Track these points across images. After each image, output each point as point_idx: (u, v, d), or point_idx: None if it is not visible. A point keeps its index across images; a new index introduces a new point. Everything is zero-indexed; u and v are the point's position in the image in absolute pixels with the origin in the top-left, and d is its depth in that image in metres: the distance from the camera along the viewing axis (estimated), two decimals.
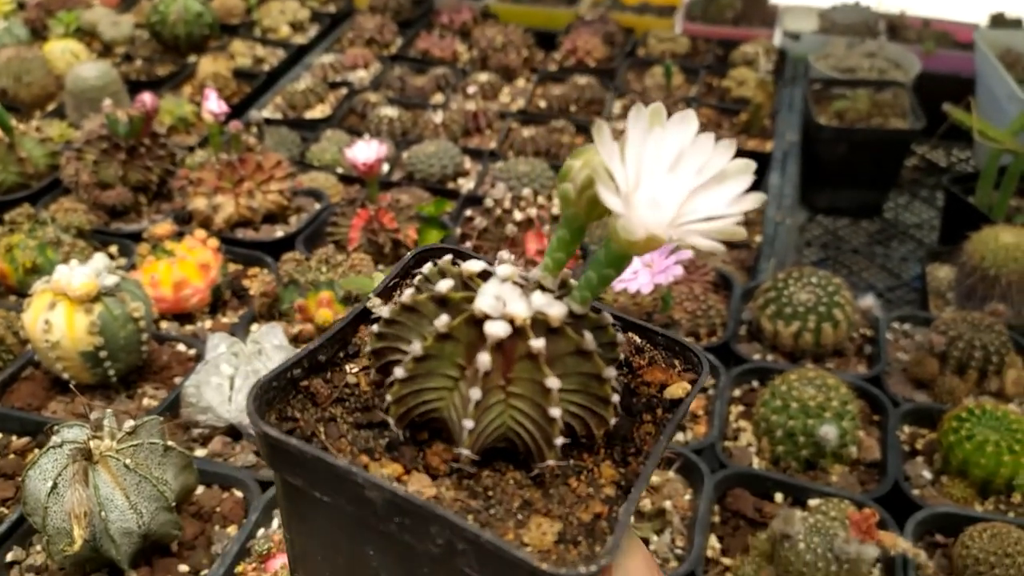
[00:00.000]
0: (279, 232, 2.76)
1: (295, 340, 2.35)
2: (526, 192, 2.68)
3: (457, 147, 3.35)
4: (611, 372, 0.70)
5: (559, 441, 0.69)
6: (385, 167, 3.35)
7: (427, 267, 0.77)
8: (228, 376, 2.08)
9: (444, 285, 0.70)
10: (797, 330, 2.49)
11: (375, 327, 0.74)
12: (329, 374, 0.78)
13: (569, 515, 0.69)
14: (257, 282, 2.56)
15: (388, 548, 0.69)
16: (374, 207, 2.68)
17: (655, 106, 0.63)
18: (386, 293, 0.84)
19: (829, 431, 2.17)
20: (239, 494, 1.98)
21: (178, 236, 2.57)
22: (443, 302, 0.70)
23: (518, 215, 2.60)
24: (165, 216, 2.81)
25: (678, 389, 0.78)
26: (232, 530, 1.90)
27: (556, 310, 0.66)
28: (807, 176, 3.63)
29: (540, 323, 0.67)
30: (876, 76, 3.91)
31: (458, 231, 2.74)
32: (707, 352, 2.49)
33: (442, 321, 0.67)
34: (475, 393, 0.67)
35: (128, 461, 1.72)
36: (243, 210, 2.70)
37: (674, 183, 0.63)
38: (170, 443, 1.80)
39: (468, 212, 2.90)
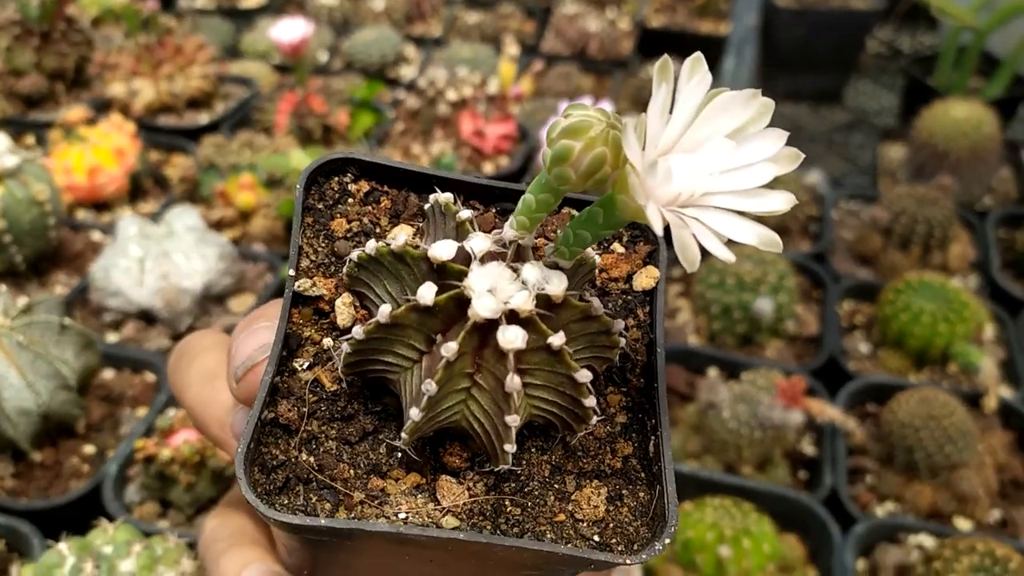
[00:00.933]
0: (204, 118, 2.64)
1: (217, 226, 2.27)
2: (462, 72, 2.56)
3: (399, 34, 3.21)
4: (619, 325, 0.64)
5: (593, 421, 0.64)
6: (324, 56, 3.21)
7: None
8: (137, 258, 1.99)
9: (442, 250, 0.61)
10: None
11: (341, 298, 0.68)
12: (288, 386, 0.69)
13: (600, 467, 0.66)
14: (179, 169, 2.45)
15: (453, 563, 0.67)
16: (302, 91, 2.56)
17: (696, 60, 0.55)
18: (304, 247, 0.73)
19: (764, 305, 2.12)
20: (151, 377, 1.92)
21: (94, 122, 2.45)
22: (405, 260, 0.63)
23: (452, 95, 2.48)
24: (83, 104, 2.68)
25: (646, 278, 0.72)
26: (142, 412, 1.85)
27: (556, 287, 0.60)
28: (766, 60, 3.51)
29: (541, 297, 0.61)
30: None
31: (392, 115, 2.63)
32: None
33: (428, 293, 0.60)
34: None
35: (21, 338, 1.65)
36: (164, 95, 2.58)
37: (700, 163, 0.56)
38: (67, 321, 1.72)
39: (400, 95, 2.78)
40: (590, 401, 0.62)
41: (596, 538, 0.64)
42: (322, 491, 0.64)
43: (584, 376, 0.61)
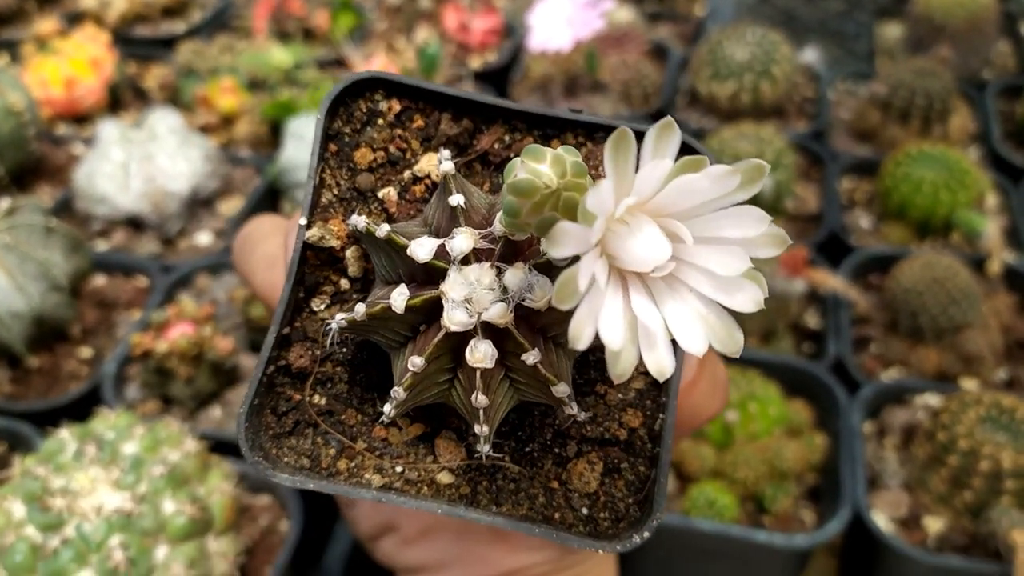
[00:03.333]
0: (180, 26, 2.56)
1: (201, 132, 2.21)
2: None
3: None
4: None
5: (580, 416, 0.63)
6: None
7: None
8: (120, 163, 1.95)
9: (421, 251, 0.58)
10: (734, 90, 2.36)
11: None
12: (304, 329, 0.68)
13: (605, 435, 0.65)
14: (157, 79, 2.39)
15: None
16: None
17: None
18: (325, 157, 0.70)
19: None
20: (143, 281, 1.89)
21: (67, 35, 2.38)
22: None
23: None
24: (55, 18, 2.60)
25: None
26: (137, 316, 1.82)
27: (539, 297, 0.56)
28: None
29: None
30: None
31: (374, 15, 2.55)
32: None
33: (399, 302, 0.58)
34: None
35: (6, 239, 1.62)
36: (137, 5, 2.50)
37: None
38: (53, 222, 1.69)
39: None
40: (570, 409, 0.60)
41: (584, 511, 0.64)
42: (328, 436, 0.66)
43: (562, 391, 0.59)
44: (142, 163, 1.94)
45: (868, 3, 3.50)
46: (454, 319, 0.56)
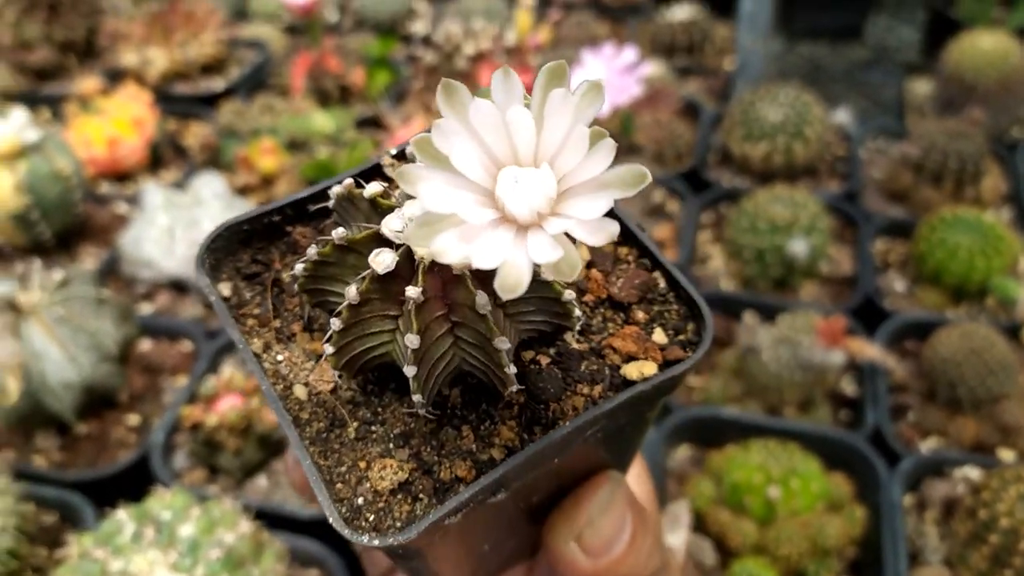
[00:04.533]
0: (218, 84, 2.61)
1: (241, 192, 2.25)
2: (478, 24, 2.52)
3: None
4: (570, 294, 0.62)
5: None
6: (334, 15, 3.16)
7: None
8: (166, 228, 1.98)
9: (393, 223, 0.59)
10: (767, 151, 2.38)
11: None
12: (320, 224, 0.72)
13: (434, 466, 0.63)
14: (198, 137, 2.43)
15: None
16: (316, 52, 2.52)
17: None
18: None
19: (798, 246, 2.10)
20: (188, 346, 1.92)
21: (109, 93, 2.42)
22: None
23: (470, 49, 2.44)
24: (96, 75, 2.65)
25: (640, 368, 0.66)
26: (183, 381, 1.85)
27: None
28: None
29: None
30: None
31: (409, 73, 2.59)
32: (676, 179, 2.40)
33: (386, 258, 0.58)
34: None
35: (60, 312, 1.65)
36: (178, 63, 2.55)
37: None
38: (104, 293, 1.72)
39: (416, 51, 2.74)
40: (510, 371, 0.60)
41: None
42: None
43: (502, 344, 0.59)
44: (187, 228, 1.97)
45: (894, 54, 3.53)
46: (390, 224, 0.57)
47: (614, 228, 0.48)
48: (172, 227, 1.97)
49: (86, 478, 1.64)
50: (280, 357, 0.69)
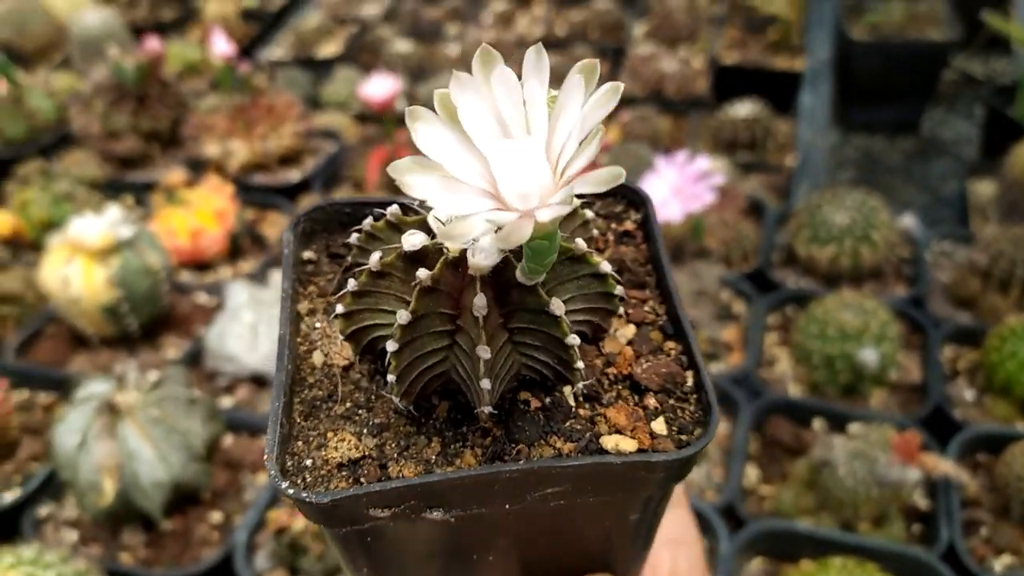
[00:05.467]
0: (295, 175, 2.70)
1: None
2: None
3: None
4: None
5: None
6: (402, 104, 3.26)
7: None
8: (250, 324, 2.04)
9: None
10: (833, 254, 2.41)
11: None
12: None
13: (389, 461, 0.65)
14: (276, 228, 2.51)
15: None
16: (391, 144, 2.60)
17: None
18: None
19: (869, 355, 2.10)
20: None
21: (192, 184, 2.52)
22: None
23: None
24: (178, 164, 2.76)
25: (619, 442, 0.65)
26: (263, 478, 1.89)
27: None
28: (841, 93, 3.49)
29: None
30: None
31: None
32: (742, 279, 2.43)
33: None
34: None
35: (155, 413, 1.70)
36: (257, 154, 2.64)
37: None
38: (195, 393, 1.77)
39: None
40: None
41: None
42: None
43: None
44: (271, 325, 2.03)
45: (951, 147, 3.55)
46: (434, 214, 0.59)
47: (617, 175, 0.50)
48: (256, 324, 2.03)
49: None
50: (318, 325, 0.72)
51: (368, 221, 0.65)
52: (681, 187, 2.18)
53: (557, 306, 0.60)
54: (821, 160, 3.00)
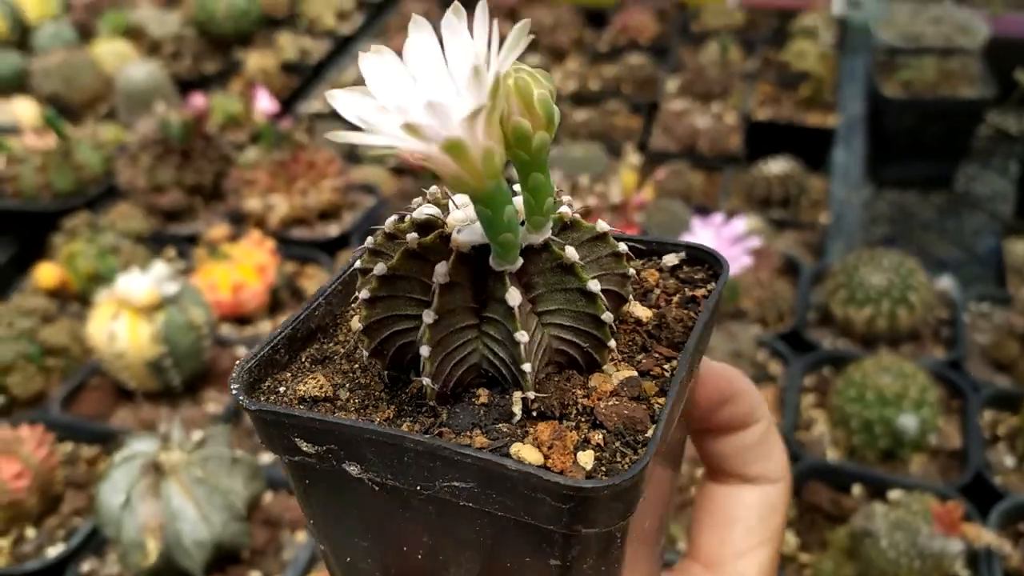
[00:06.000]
0: (334, 230, 2.74)
1: None
2: (583, 180, 2.62)
3: None
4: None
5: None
6: None
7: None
8: None
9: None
10: (870, 315, 2.40)
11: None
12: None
13: (342, 405, 0.65)
14: (314, 281, 2.54)
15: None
16: None
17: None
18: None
19: (909, 421, 2.09)
20: None
21: (234, 238, 2.56)
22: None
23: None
24: (219, 217, 2.81)
25: (524, 453, 0.60)
26: (301, 536, 1.90)
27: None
28: (873, 149, 3.50)
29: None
30: (942, 43, 3.74)
31: None
32: (778, 340, 2.42)
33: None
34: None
35: (198, 472, 1.72)
36: (297, 209, 2.69)
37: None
38: (238, 453, 1.79)
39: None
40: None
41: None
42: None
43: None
44: None
45: (986, 204, 3.54)
46: (455, 214, 0.59)
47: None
48: None
49: None
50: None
51: (370, 238, 0.65)
52: (718, 249, 2.18)
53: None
54: (855, 217, 3.00)
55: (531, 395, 0.61)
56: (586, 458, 0.59)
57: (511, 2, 4.18)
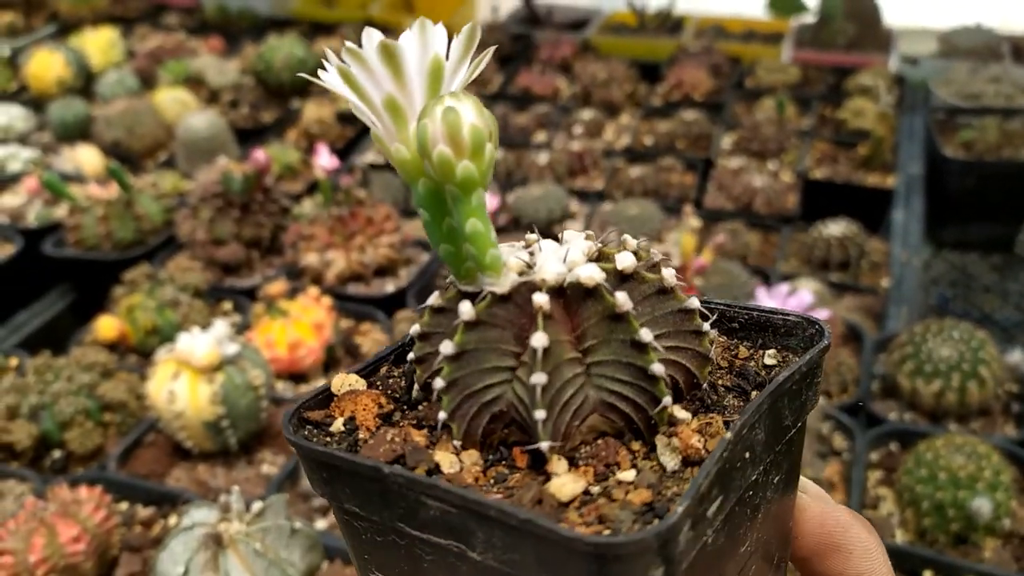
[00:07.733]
0: (390, 286, 2.73)
1: None
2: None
3: (563, 188, 3.28)
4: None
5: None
6: (500, 219, 3.30)
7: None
8: None
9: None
10: (939, 389, 2.33)
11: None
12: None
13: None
14: (369, 339, 2.53)
15: None
16: None
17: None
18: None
19: (983, 505, 2.01)
20: None
21: (291, 293, 2.57)
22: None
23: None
24: (276, 271, 2.82)
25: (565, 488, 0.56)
26: None
27: (587, 270, 0.57)
28: (933, 209, 3.43)
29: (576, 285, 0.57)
30: (1003, 102, 3.68)
31: None
32: (840, 411, 2.36)
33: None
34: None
35: (257, 545, 1.70)
36: (355, 265, 2.69)
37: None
38: (297, 524, 1.77)
39: None
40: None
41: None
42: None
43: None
44: None
45: None
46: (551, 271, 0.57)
47: None
48: None
49: None
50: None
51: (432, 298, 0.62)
52: None
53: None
54: (915, 280, 2.94)
55: (545, 444, 0.56)
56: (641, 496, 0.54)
57: (565, 55, 4.19)
